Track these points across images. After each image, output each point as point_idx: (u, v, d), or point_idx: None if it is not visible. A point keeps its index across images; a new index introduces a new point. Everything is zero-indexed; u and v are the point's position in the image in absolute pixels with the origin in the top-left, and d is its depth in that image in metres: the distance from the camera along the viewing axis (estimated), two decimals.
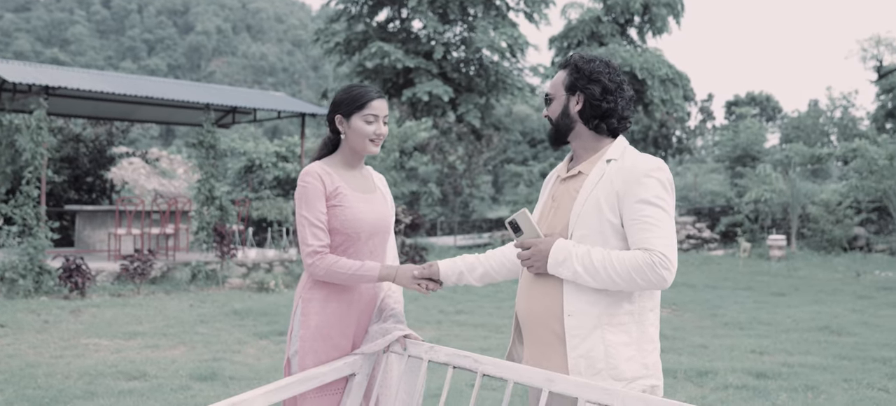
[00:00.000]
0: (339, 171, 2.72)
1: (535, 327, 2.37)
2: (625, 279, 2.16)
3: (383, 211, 2.76)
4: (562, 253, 2.25)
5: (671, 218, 2.23)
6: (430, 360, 2.51)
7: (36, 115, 10.97)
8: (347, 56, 26.04)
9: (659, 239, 2.15)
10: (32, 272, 10.29)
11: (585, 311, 2.24)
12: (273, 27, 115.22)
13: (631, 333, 2.25)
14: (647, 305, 2.29)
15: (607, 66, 2.40)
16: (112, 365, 6.12)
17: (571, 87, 2.40)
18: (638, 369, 2.23)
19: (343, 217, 2.63)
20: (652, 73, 25.89)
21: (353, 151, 2.73)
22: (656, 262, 2.13)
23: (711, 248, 19.22)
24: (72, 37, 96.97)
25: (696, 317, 9.61)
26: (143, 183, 26.50)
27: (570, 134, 2.43)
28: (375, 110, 2.66)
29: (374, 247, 2.71)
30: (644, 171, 2.23)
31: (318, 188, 2.62)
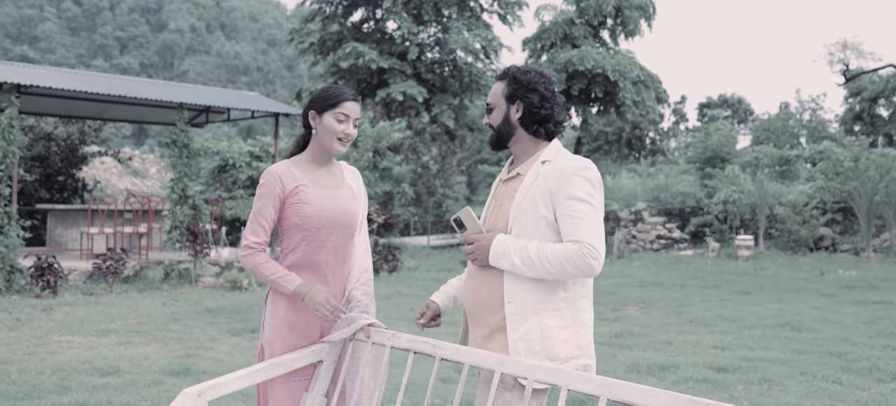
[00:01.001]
0: (305, 168, 2.86)
1: (480, 314, 2.57)
2: (557, 269, 2.36)
3: (349, 205, 2.88)
4: (501, 246, 2.46)
5: (599, 212, 2.44)
6: (393, 346, 2.66)
7: (7, 114, 10.95)
8: (322, 56, 26.08)
9: (587, 231, 2.37)
10: (3, 271, 10.27)
11: (524, 297, 2.45)
12: (247, 26, 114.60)
13: (565, 318, 2.46)
14: (580, 292, 2.51)
15: (542, 76, 2.61)
16: (85, 361, 6.19)
17: (511, 96, 2.60)
18: (572, 350, 2.44)
19: (303, 212, 2.77)
20: (624, 74, 26.21)
21: (321, 148, 2.87)
22: (585, 253, 2.34)
23: (681, 248, 19.53)
24: (42, 34, 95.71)
25: (662, 314, 9.83)
26: (116, 182, 26.36)
27: (511, 139, 2.64)
28: (347, 111, 2.81)
29: (339, 241, 2.84)
30: (573, 171, 2.45)
31: (275, 189, 2.77)
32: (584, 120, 28.92)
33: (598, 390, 2.02)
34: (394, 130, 18.99)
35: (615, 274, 14.60)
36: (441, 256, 17.57)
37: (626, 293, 11.82)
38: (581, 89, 27.37)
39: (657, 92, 30.01)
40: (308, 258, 2.81)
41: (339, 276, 2.88)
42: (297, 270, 2.80)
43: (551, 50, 28.56)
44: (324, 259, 2.82)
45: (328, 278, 2.84)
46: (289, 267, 2.81)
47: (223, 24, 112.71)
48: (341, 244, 2.86)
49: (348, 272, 2.91)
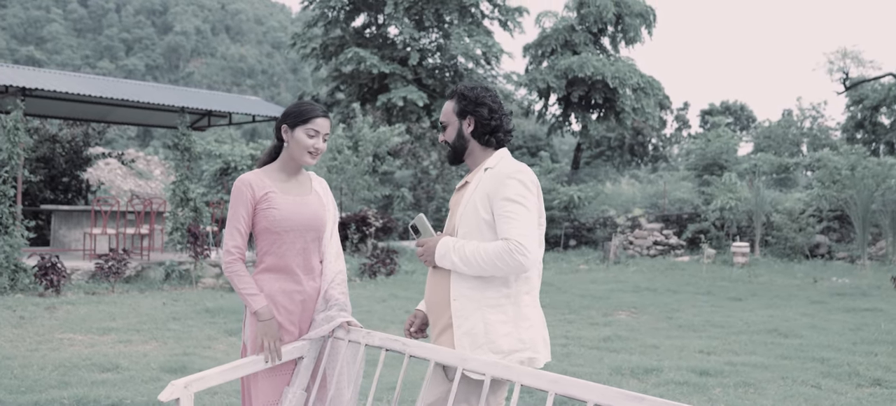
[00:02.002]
0: (274, 176, 3.07)
1: (434, 312, 2.81)
2: (490, 265, 2.57)
3: (316, 211, 3.08)
4: (443, 247, 2.70)
5: (530, 212, 2.64)
6: (367, 343, 2.86)
7: (13, 116, 11.18)
8: (324, 61, 26.32)
9: (516, 230, 2.57)
10: (8, 270, 10.49)
11: (468, 295, 2.66)
12: (252, 29, 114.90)
13: (508, 313, 2.65)
14: (523, 289, 2.71)
15: (487, 90, 2.84)
16: (86, 358, 6.39)
17: (462, 112, 2.83)
18: (514, 343, 2.64)
19: (271, 217, 2.98)
20: (623, 81, 26.40)
21: (291, 159, 3.07)
22: (513, 249, 2.54)
23: (678, 255, 19.66)
24: (48, 35, 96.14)
25: (652, 319, 9.99)
26: (120, 183, 26.58)
27: (465, 152, 2.87)
28: (317, 127, 3.01)
29: (307, 244, 3.05)
30: (507, 174, 2.67)
31: (245, 195, 2.98)
32: (584, 126, 29.11)
33: (547, 386, 2.22)
34: (393, 135, 19.19)
35: (610, 279, 14.76)
36: None
37: (618, 298, 11.99)
38: (581, 96, 27.56)
39: (659, 98, 30.19)
40: (280, 260, 3.02)
41: (309, 276, 3.07)
42: (274, 272, 3.01)
43: (552, 56, 28.75)
44: (293, 261, 3.02)
45: (300, 278, 3.04)
46: (264, 269, 3.03)
47: (228, 26, 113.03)
48: (309, 247, 3.06)
49: (320, 273, 3.10)
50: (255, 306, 2.94)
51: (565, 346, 7.89)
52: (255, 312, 2.94)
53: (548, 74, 27.28)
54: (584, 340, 8.20)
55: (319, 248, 3.12)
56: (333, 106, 26.26)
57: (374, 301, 10.76)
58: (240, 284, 2.95)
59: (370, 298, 11.01)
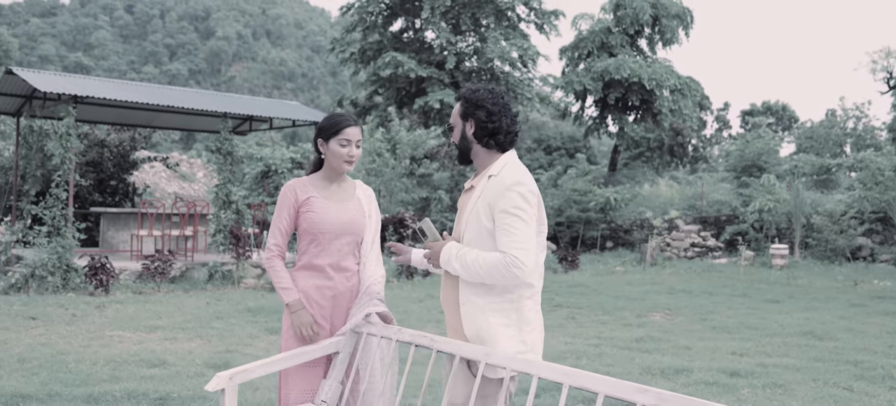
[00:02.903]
0: (318, 184, 3.33)
1: (447, 313, 2.99)
2: (487, 275, 2.73)
3: (354, 217, 3.32)
4: (447, 253, 2.86)
5: (528, 225, 2.77)
6: (398, 339, 3.05)
7: (65, 122, 11.63)
8: (363, 65, 26.66)
9: (513, 244, 2.71)
10: (60, 270, 10.91)
11: (474, 300, 2.83)
12: (292, 33, 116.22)
13: (511, 317, 2.81)
14: (526, 294, 2.86)
15: (491, 93, 2.95)
16: (134, 354, 6.70)
17: (464, 114, 2.97)
18: (517, 345, 2.80)
19: (310, 220, 3.24)
20: (660, 83, 26.31)
21: (331, 168, 3.33)
22: (509, 263, 2.69)
23: (715, 257, 19.56)
24: (95, 41, 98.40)
25: (686, 321, 10.04)
26: (164, 186, 27.17)
27: (470, 153, 3.00)
28: (349, 136, 3.26)
29: (343, 246, 3.30)
30: (507, 186, 2.79)
31: (289, 199, 3.27)
32: (621, 128, 29.03)
33: (561, 378, 2.39)
34: (430, 138, 19.41)
35: (646, 281, 14.79)
36: None
37: (653, 300, 12.04)
38: (618, 98, 27.52)
39: (699, 98, 29.99)
40: (315, 259, 3.28)
41: (342, 274, 3.30)
42: (308, 270, 3.28)
43: (588, 59, 28.74)
44: (329, 261, 3.27)
45: (333, 276, 3.28)
46: (301, 266, 3.29)
47: (269, 31, 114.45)
48: (345, 249, 3.30)
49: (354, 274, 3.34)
50: (287, 299, 3.21)
51: (598, 346, 8.00)
52: (287, 305, 3.21)
53: (584, 77, 27.28)
54: (616, 341, 8.30)
55: (356, 251, 3.35)
56: (372, 109, 26.59)
57: (410, 301, 10.96)
58: (276, 279, 3.23)
59: (407, 299, 11.22)
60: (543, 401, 5.48)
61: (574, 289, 13.29)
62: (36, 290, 10.53)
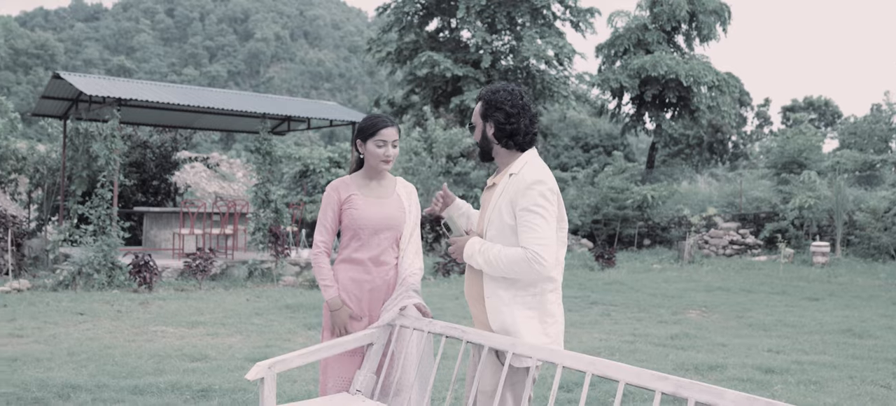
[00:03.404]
0: (359, 182, 3.50)
1: (472, 306, 3.10)
2: (509, 269, 2.83)
3: (393, 213, 3.48)
4: (470, 248, 2.98)
5: (548, 222, 2.86)
6: (429, 331, 3.16)
7: (109, 124, 11.95)
8: (399, 65, 26.83)
9: (534, 240, 2.80)
10: (106, 268, 11.23)
11: (499, 294, 2.93)
12: (330, 34, 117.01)
13: (534, 309, 2.91)
14: (548, 288, 2.94)
15: (510, 94, 3.01)
16: (177, 348, 6.91)
17: (484, 115, 3.06)
18: (540, 336, 2.90)
19: (351, 216, 3.41)
20: (698, 80, 26.07)
21: (370, 167, 3.49)
22: (530, 258, 2.79)
23: (755, 254, 19.35)
24: (137, 45, 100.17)
25: (722, 318, 10.00)
26: (205, 186, 27.69)
27: (491, 152, 3.09)
28: (385, 137, 3.41)
29: (382, 241, 3.45)
30: (527, 185, 2.88)
31: (332, 198, 3.46)
32: (658, 125, 28.82)
33: (585, 367, 2.47)
34: (465, 136, 19.49)
35: (683, 279, 14.71)
36: None
37: (690, 297, 11.99)
38: (654, 95, 27.33)
39: (737, 95, 29.66)
40: (355, 253, 3.45)
41: (380, 268, 3.45)
42: (348, 263, 3.44)
43: (624, 56, 28.58)
44: (368, 256, 3.43)
45: (371, 269, 3.44)
46: (342, 260, 3.46)
47: (306, 32, 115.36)
48: (383, 243, 3.45)
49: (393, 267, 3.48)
50: (326, 296, 3.39)
51: (632, 342, 8.02)
52: (326, 301, 3.38)
53: (621, 74, 27.15)
54: (651, 338, 8.32)
55: (395, 245, 3.50)
56: (408, 109, 26.74)
57: (446, 299, 11.07)
58: (319, 275, 3.41)
59: (443, 296, 11.33)
60: (566, 392, 5.55)
61: (610, 286, 13.29)
62: (83, 287, 10.85)
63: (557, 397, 5.44)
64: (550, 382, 5.57)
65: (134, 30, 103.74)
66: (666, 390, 2.17)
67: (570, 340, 8.02)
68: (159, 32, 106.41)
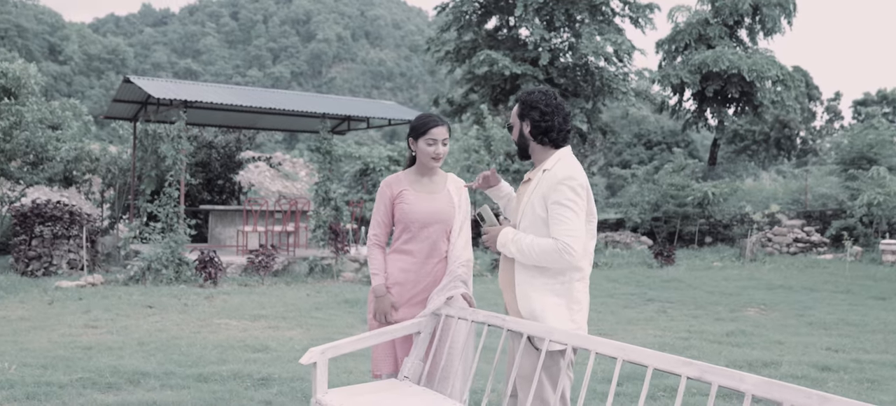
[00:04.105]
0: (411, 179, 3.68)
1: (505, 293, 3.28)
2: (540, 259, 3.01)
3: (443, 208, 3.64)
4: (504, 237, 3.17)
5: (578, 215, 3.03)
6: (473, 320, 3.30)
7: (176, 126, 12.41)
8: (458, 64, 26.94)
9: (564, 232, 2.98)
10: (173, 263, 11.68)
11: (530, 281, 3.11)
12: (391, 33, 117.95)
13: (561, 296, 3.08)
14: (575, 277, 3.12)
15: (545, 94, 3.22)
16: (240, 340, 7.20)
17: (521, 115, 3.25)
18: (566, 322, 3.08)
19: (403, 211, 3.60)
20: (761, 74, 25.54)
21: (421, 164, 3.67)
22: (560, 249, 2.97)
23: (820, 252, 18.91)
24: (203, 47, 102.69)
25: (782, 316, 9.88)
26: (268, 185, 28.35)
27: (528, 149, 3.29)
28: (435, 136, 3.58)
29: (432, 234, 3.62)
30: (559, 180, 3.06)
31: (386, 194, 3.65)
32: (721, 121, 28.31)
33: (616, 353, 2.58)
34: None
35: (744, 277, 14.52)
36: None
37: (749, 295, 11.86)
38: (716, 90, 26.86)
39: (803, 89, 28.93)
40: (406, 245, 3.63)
41: (430, 260, 3.62)
42: (400, 254, 3.63)
43: (685, 51, 28.17)
44: (419, 248, 3.61)
45: (421, 261, 3.61)
46: (394, 251, 3.66)
47: (368, 31, 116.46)
48: (434, 236, 3.60)
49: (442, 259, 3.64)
50: (373, 284, 3.59)
51: (687, 339, 8.02)
52: (372, 288, 3.58)
53: (681, 70, 26.77)
54: (706, 335, 8.29)
55: (445, 238, 3.66)
56: (467, 108, 26.83)
57: (499, 295, 11.18)
58: (371, 265, 3.64)
59: (497, 292, 11.44)
60: (592, 383, 5.61)
61: (668, 284, 13.21)
62: (152, 282, 11.31)
63: (593, 387, 5.51)
64: (583, 370, 5.65)
65: (200, 33, 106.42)
66: (691, 375, 2.27)
67: (625, 337, 8.06)
68: (224, 35, 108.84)
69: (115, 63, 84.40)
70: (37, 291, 10.12)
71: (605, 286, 12.74)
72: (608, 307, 10.39)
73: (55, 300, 9.43)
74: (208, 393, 5.12)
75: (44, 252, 11.93)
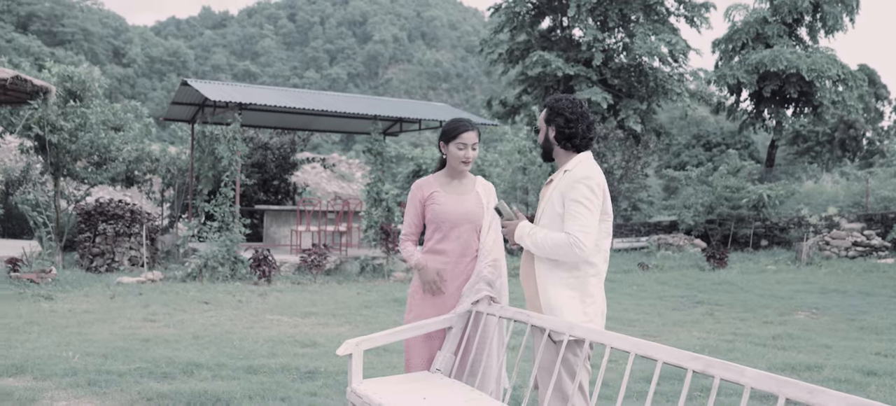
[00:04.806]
0: (441, 180, 3.85)
1: (526, 287, 3.44)
2: (553, 252, 3.18)
3: (472, 208, 3.81)
4: (520, 231, 3.35)
5: (592, 213, 3.19)
6: (500, 316, 3.45)
7: (232, 128, 12.80)
8: (511, 65, 27.00)
9: (576, 227, 3.15)
10: (229, 261, 12.06)
11: (546, 275, 3.29)
12: (447, 34, 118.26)
13: (576, 290, 3.24)
14: (590, 272, 3.28)
15: (571, 102, 3.40)
16: (290, 335, 7.45)
17: (547, 120, 3.43)
18: (579, 315, 3.23)
19: (434, 211, 3.77)
20: (821, 74, 25.02)
21: (451, 167, 3.83)
22: (571, 242, 3.14)
23: (881, 256, 18.46)
24: (261, 50, 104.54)
25: (832, 320, 9.74)
26: (325, 186, 28.85)
27: (552, 152, 3.46)
28: (465, 140, 3.74)
29: (462, 234, 3.79)
30: (577, 179, 3.23)
31: (416, 195, 3.84)
32: (778, 122, 27.78)
33: (629, 347, 2.69)
34: None
35: (798, 280, 14.29)
36: (621, 258, 17.87)
37: (801, 299, 11.69)
38: (774, 90, 26.38)
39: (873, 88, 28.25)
40: (439, 245, 3.79)
41: (462, 258, 3.78)
42: (432, 254, 3.79)
43: (743, 51, 27.74)
44: (450, 247, 3.77)
45: (454, 260, 3.77)
46: (426, 251, 3.82)
47: (424, 32, 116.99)
48: (464, 235, 3.76)
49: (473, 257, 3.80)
50: (411, 262, 3.79)
51: (731, 342, 7.99)
52: (414, 266, 3.77)
53: (738, 70, 26.38)
54: (752, 338, 8.25)
55: (475, 238, 3.82)
56: (520, 109, 26.85)
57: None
58: (404, 253, 3.83)
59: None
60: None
61: (718, 286, 13.10)
62: (208, 279, 11.70)
63: (629, 385, 5.59)
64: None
65: (258, 35, 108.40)
66: (697, 368, 2.37)
67: (669, 338, 8.08)
68: (282, 37, 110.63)
69: (176, 65, 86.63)
70: (100, 286, 10.57)
71: (654, 289, 12.71)
72: (656, 309, 10.39)
73: (117, 295, 9.85)
74: (256, 384, 5.36)
75: (107, 249, 12.44)
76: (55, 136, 13.50)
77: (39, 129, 13.40)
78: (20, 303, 8.96)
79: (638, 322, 9.15)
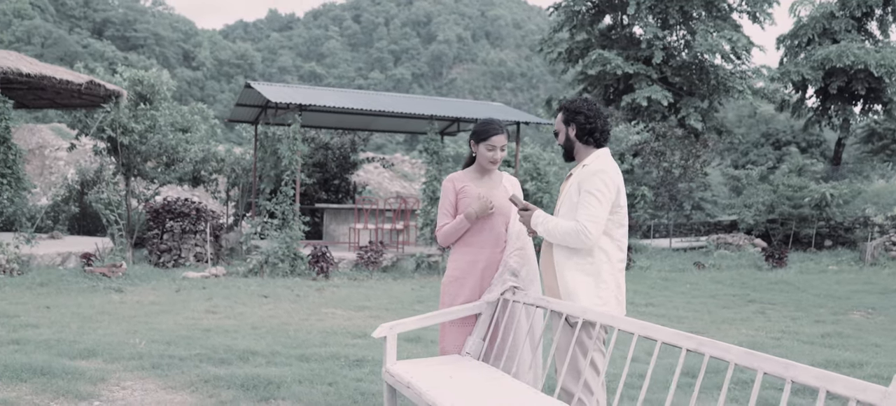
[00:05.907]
0: (471, 176, 4.10)
1: (545, 273, 3.68)
2: (562, 238, 3.43)
3: (501, 201, 4.03)
4: (535, 219, 3.61)
5: (602, 204, 3.42)
6: (524, 302, 3.67)
7: (292, 128, 13.25)
8: (571, 64, 26.96)
9: (586, 216, 3.40)
10: (289, 258, 12.51)
11: (564, 261, 3.53)
12: (511, 33, 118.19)
13: (590, 274, 3.47)
14: (603, 259, 3.50)
15: (586, 101, 3.65)
16: (343, 328, 7.78)
17: (566, 121, 3.69)
18: (593, 299, 3.45)
19: (466, 204, 4.01)
20: (891, 70, 24.32)
21: (480, 166, 4.08)
22: (579, 230, 3.38)
23: None
24: (327, 51, 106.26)
25: (888, 321, 9.63)
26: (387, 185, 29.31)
27: (574, 150, 3.70)
28: (494, 142, 3.98)
29: (494, 225, 4.03)
30: (592, 172, 3.48)
31: (449, 189, 4.08)
32: (845, 119, 27.07)
33: (634, 329, 2.89)
34: (632, 133, 19.44)
35: (859, 281, 14.05)
36: (678, 257, 17.77)
37: (858, 299, 11.54)
38: (840, 87, 25.73)
39: None
40: (470, 236, 4.03)
41: (493, 249, 4.02)
42: (463, 246, 4.04)
43: (808, 47, 27.13)
44: (481, 238, 4.02)
45: (485, 251, 4.01)
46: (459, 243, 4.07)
47: (488, 32, 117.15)
48: (498, 228, 4.02)
49: (502, 248, 4.03)
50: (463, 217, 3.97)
51: (779, 339, 8.01)
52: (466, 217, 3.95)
53: (803, 66, 25.83)
54: (800, 336, 8.24)
55: (505, 228, 4.06)
56: None
57: None
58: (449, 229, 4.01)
59: None
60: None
61: (774, 286, 13.00)
62: (269, 274, 12.17)
63: (665, 378, 5.72)
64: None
65: (323, 37, 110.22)
66: (689, 347, 2.56)
67: (715, 335, 8.13)
68: (347, 38, 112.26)
69: (243, 68, 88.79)
70: (167, 280, 11.12)
71: (708, 287, 12.69)
72: (706, 307, 10.41)
73: (182, 288, 10.37)
74: (307, 370, 5.68)
75: (173, 245, 13.02)
76: (126, 137, 14.18)
77: (112, 131, 14.10)
78: (93, 295, 9.53)
79: (686, 319, 9.21)
